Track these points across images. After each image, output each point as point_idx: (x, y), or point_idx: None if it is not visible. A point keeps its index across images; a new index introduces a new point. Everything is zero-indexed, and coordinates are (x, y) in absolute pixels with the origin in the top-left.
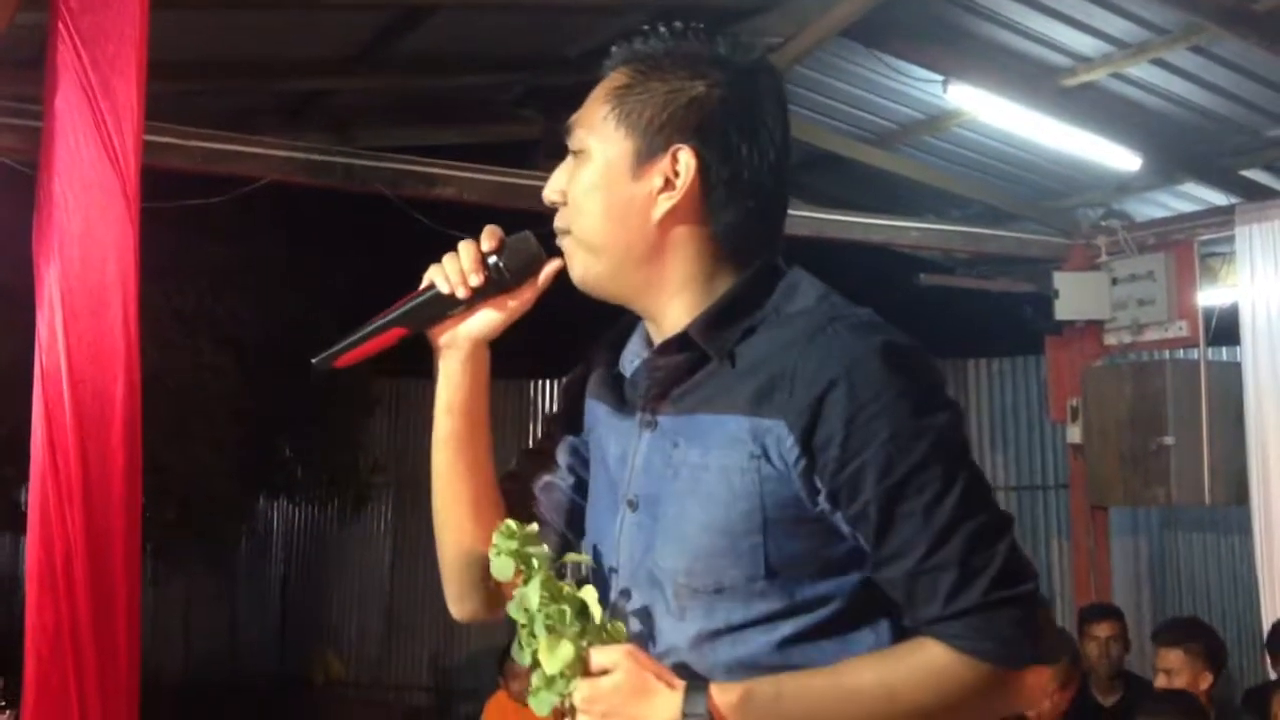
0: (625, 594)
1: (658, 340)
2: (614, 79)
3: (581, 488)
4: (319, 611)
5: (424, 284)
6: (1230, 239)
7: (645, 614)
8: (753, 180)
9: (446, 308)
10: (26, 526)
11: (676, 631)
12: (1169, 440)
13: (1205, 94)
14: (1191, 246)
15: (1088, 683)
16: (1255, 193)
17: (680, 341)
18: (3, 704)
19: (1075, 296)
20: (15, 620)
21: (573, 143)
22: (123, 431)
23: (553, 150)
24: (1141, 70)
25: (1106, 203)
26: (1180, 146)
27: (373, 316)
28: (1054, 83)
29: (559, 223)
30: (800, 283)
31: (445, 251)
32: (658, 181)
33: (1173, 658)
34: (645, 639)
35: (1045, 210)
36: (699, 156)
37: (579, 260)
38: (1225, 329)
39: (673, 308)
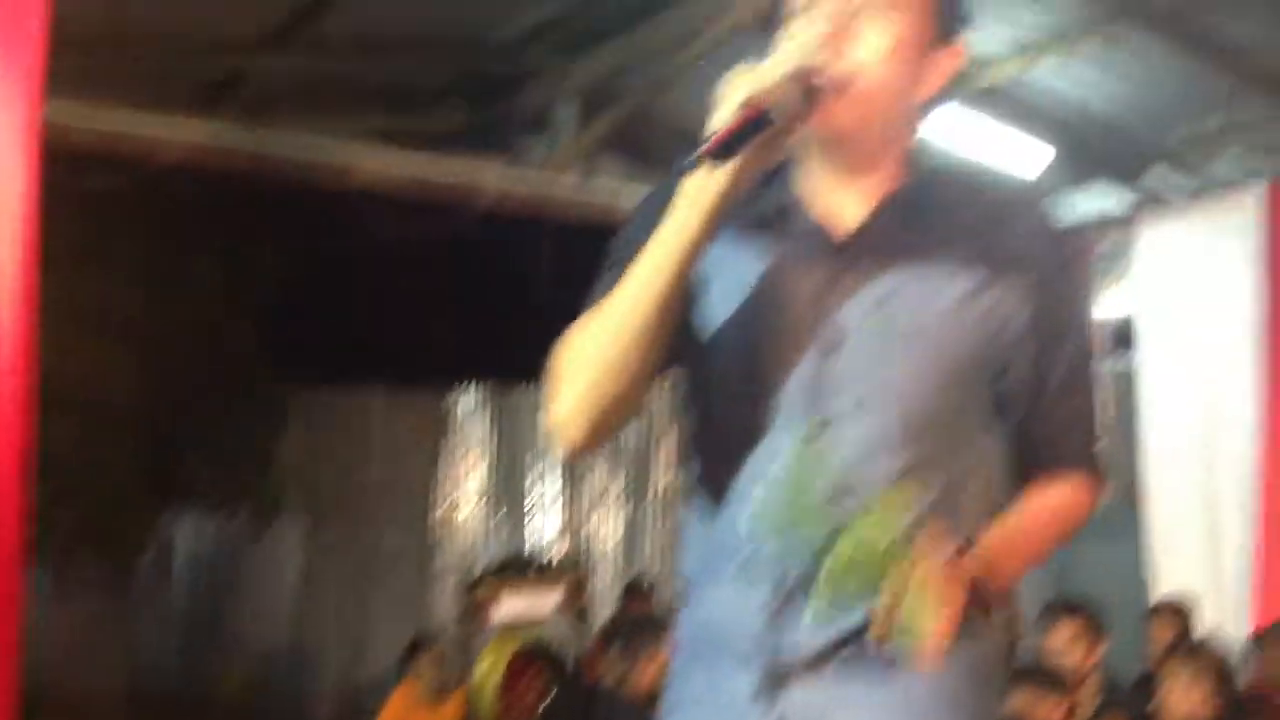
0: (820, 426)
1: (834, 199)
2: None
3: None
4: (224, 628)
5: (754, 96)
6: (1130, 244)
7: (858, 445)
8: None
9: (764, 129)
10: None
11: (885, 461)
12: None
13: (1111, 93)
14: (1092, 251)
15: None
16: (1156, 197)
17: (907, 198)
18: None
19: None
20: None
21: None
22: (14, 358)
23: (476, 140)
24: (1047, 70)
25: None
26: (1085, 150)
27: (741, 118)
28: (962, 83)
29: (829, 67)
30: (960, 177)
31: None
32: (935, 68)
33: (1064, 630)
34: (856, 465)
35: None
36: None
37: (853, 109)
38: (1124, 334)
39: (879, 172)
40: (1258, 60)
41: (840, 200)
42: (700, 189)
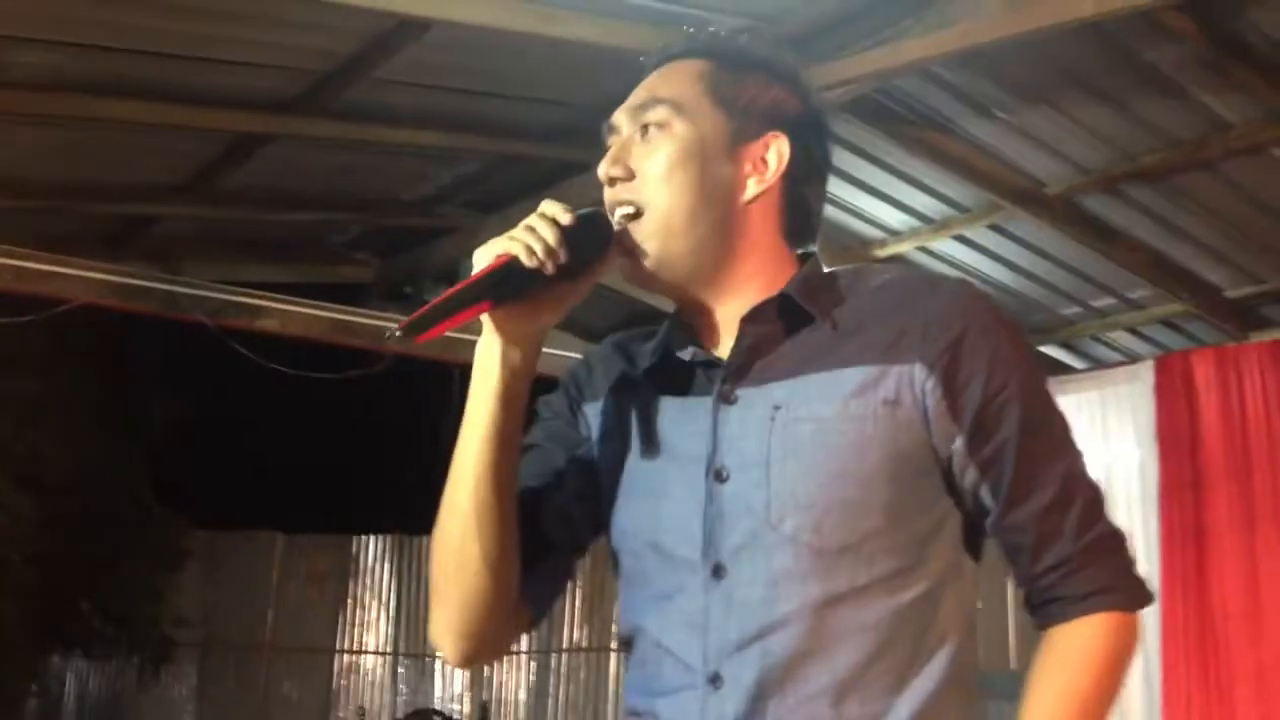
0: (719, 570)
1: (709, 332)
2: (696, 64)
3: (581, 498)
4: None
5: (495, 255)
6: None
7: (761, 583)
8: (819, 180)
9: (525, 284)
10: None
11: (798, 596)
12: (977, 605)
13: (1005, 271)
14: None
15: None
16: (1054, 369)
17: (780, 304)
18: None
19: None
20: None
21: (648, 116)
22: None
23: (385, 292)
24: (945, 245)
25: None
26: None
27: (456, 285)
28: (866, 254)
29: (623, 201)
30: (864, 267)
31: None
32: (749, 165)
33: None
34: (764, 605)
35: None
36: (791, 148)
37: (655, 241)
38: None
39: (745, 291)
40: (1143, 245)
41: (715, 324)
42: (484, 354)
